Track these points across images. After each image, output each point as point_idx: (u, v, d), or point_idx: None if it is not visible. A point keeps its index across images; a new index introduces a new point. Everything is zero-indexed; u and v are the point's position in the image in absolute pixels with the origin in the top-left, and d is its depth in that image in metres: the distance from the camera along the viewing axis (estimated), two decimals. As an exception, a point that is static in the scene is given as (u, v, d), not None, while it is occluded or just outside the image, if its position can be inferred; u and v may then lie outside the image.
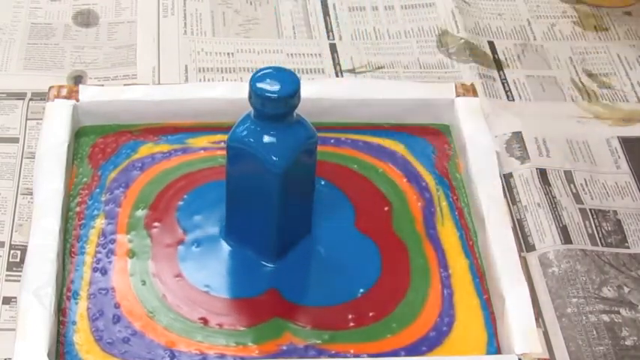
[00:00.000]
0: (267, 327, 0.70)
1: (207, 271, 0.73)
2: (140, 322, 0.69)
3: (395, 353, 0.69)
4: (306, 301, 0.72)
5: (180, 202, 0.77)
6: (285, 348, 0.69)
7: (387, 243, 0.75)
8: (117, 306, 0.70)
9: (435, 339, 0.70)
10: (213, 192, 0.77)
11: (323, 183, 0.79)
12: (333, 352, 0.69)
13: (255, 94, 0.67)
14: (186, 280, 0.72)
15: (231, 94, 0.81)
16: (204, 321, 0.70)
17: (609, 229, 0.80)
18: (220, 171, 0.78)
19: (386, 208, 0.78)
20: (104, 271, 0.72)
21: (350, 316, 0.71)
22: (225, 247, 0.74)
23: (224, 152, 0.77)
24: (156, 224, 0.75)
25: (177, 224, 0.76)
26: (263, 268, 0.73)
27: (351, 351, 0.69)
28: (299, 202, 0.73)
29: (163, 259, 0.73)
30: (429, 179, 0.80)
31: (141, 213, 0.76)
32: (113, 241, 0.74)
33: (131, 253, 0.73)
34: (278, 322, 0.70)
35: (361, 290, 0.72)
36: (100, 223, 0.75)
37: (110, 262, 0.73)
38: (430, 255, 0.75)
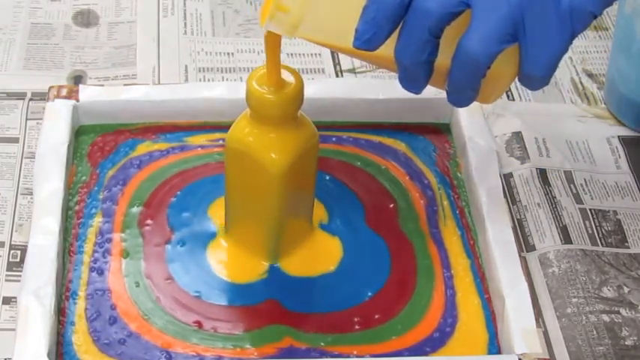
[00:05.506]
0: (266, 331, 0.69)
1: (197, 276, 0.72)
2: (135, 324, 0.69)
3: (398, 354, 0.69)
4: (309, 308, 0.71)
5: (173, 199, 0.76)
6: (285, 349, 0.68)
7: (395, 242, 0.75)
8: (113, 307, 0.70)
9: (438, 340, 0.70)
10: (208, 188, 0.77)
11: (328, 178, 0.78)
12: (335, 353, 0.68)
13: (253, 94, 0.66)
14: (176, 284, 0.71)
15: (231, 94, 0.81)
16: (199, 324, 0.69)
17: (609, 229, 0.80)
18: (216, 167, 0.78)
19: (391, 206, 0.78)
20: (100, 271, 0.72)
21: (356, 319, 0.70)
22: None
23: (221, 149, 0.77)
24: (148, 222, 0.75)
25: (167, 222, 0.75)
26: (262, 272, 0.72)
27: (354, 352, 0.68)
28: (299, 202, 0.72)
29: (154, 259, 0.73)
30: (431, 177, 0.80)
31: (135, 210, 0.75)
32: (109, 240, 0.74)
33: (125, 253, 0.73)
34: (278, 327, 0.69)
35: (369, 294, 0.72)
36: (97, 221, 0.75)
37: (106, 262, 0.72)
38: (434, 255, 0.75)
